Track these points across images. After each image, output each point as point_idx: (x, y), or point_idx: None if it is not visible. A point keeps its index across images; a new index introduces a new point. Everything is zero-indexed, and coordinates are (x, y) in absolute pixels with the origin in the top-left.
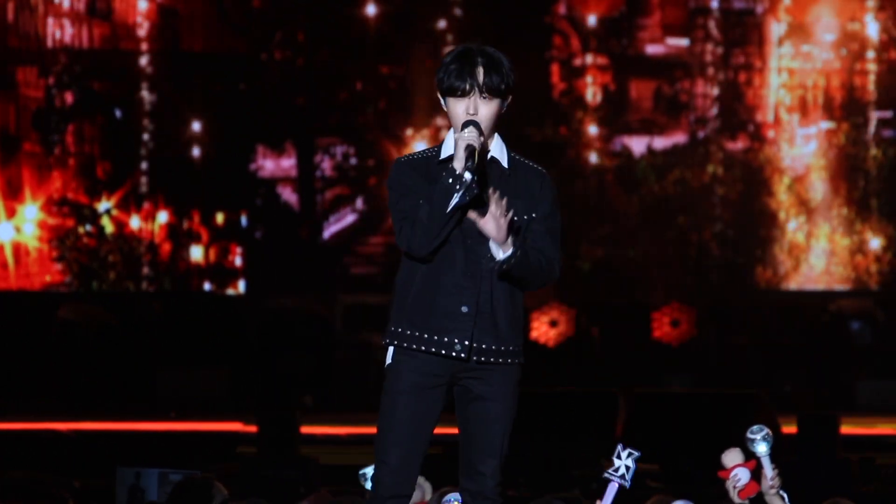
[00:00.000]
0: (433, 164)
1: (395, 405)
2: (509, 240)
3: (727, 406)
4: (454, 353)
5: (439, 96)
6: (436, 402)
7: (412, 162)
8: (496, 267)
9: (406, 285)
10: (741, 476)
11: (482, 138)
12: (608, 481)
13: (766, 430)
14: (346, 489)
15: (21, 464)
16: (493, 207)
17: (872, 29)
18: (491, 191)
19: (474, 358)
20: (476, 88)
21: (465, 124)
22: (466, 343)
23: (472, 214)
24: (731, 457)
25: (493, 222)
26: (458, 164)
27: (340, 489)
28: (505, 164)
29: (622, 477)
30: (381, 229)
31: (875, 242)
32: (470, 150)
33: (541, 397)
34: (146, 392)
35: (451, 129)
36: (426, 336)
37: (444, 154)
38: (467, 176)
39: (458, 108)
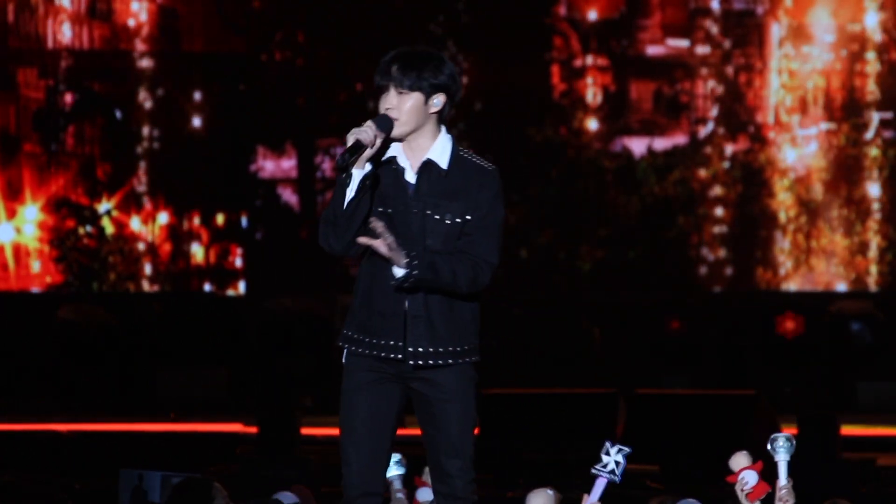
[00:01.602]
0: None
1: (351, 405)
2: (404, 261)
3: (727, 406)
4: (392, 356)
5: None
6: (392, 397)
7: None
8: (396, 284)
9: (356, 288)
10: (749, 479)
11: (383, 133)
12: (595, 477)
13: (791, 438)
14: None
15: (21, 464)
16: (378, 234)
17: (872, 18)
18: (373, 219)
19: (410, 362)
20: (392, 83)
21: (379, 119)
22: (401, 345)
23: (370, 241)
24: (738, 460)
25: (383, 248)
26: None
27: (340, 489)
28: (444, 165)
29: (611, 472)
30: None
31: (875, 243)
32: (355, 144)
33: (541, 397)
34: (146, 392)
35: None
36: (366, 339)
37: (388, 154)
38: (354, 172)
39: (382, 103)
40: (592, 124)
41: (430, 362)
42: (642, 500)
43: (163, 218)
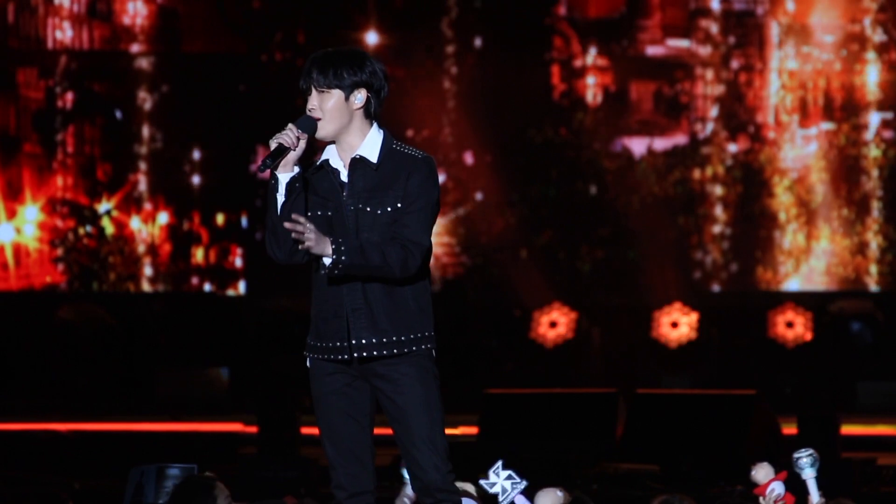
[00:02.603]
0: (311, 173)
1: (325, 409)
2: (330, 248)
3: (727, 407)
4: (341, 357)
5: None
6: (362, 395)
7: (304, 175)
8: (328, 273)
9: (312, 298)
10: (777, 490)
11: (305, 134)
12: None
13: (813, 453)
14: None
15: (21, 464)
16: (300, 227)
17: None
18: (294, 216)
19: (355, 355)
20: (312, 84)
21: (301, 121)
22: (346, 344)
23: (296, 236)
24: (764, 472)
25: (309, 241)
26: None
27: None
28: (374, 159)
29: (514, 486)
30: None
31: (875, 243)
32: (278, 147)
33: (541, 397)
34: (146, 392)
35: None
36: (319, 344)
37: (320, 160)
38: (279, 176)
39: (307, 104)
40: (592, 127)
41: (375, 353)
42: (643, 501)
43: (163, 218)
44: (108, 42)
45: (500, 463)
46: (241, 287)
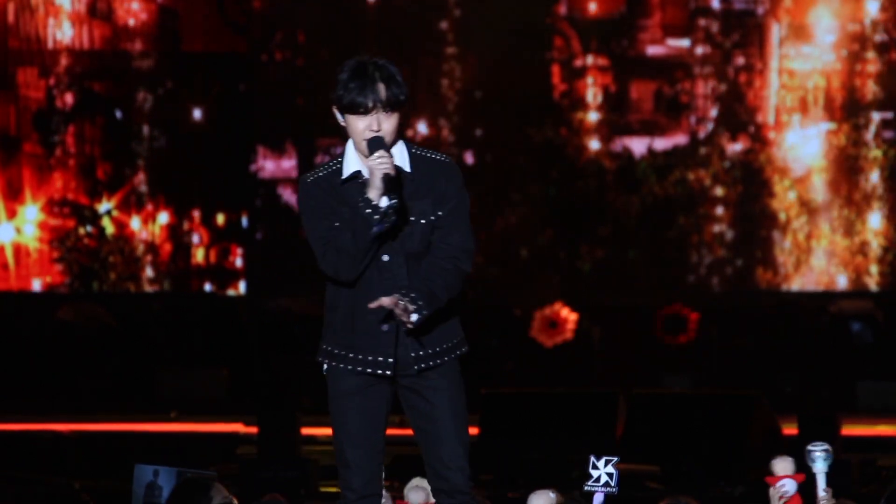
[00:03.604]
0: (336, 182)
1: (344, 409)
2: (412, 308)
3: (727, 407)
4: (379, 371)
5: (336, 111)
6: (383, 398)
7: (318, 181)
8: (414, 327)
9: (332, 306)
10: (789, 487)
11: (392, 158)
12: (592, 494)
13: (828, 447)
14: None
15: (21, 464)
16: (397, 306)
17: (873, 7)
18: (397, 297)
19: (400, 371)
20: (378, 104)
21: (372, 145)
22: (391, 360)
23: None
24: (783, 466)
25: (398, 309)
26: (375, 194)
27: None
28: (407, 167)
29: (606, 485)
30: None
31: (875, 243)
32: (386, 179)
33: (541, 397)
34: (146, 392)
35: (350, 143)
36: (352, 356)
37: (347, 170)
38: (384, 203)
39: (360, 124)
40: (592, 128)
41: (423, 365)
42: (643, 501)
43: (163, 218)
44: (108, 42)
45: (616, 459)
46: (241, 287)
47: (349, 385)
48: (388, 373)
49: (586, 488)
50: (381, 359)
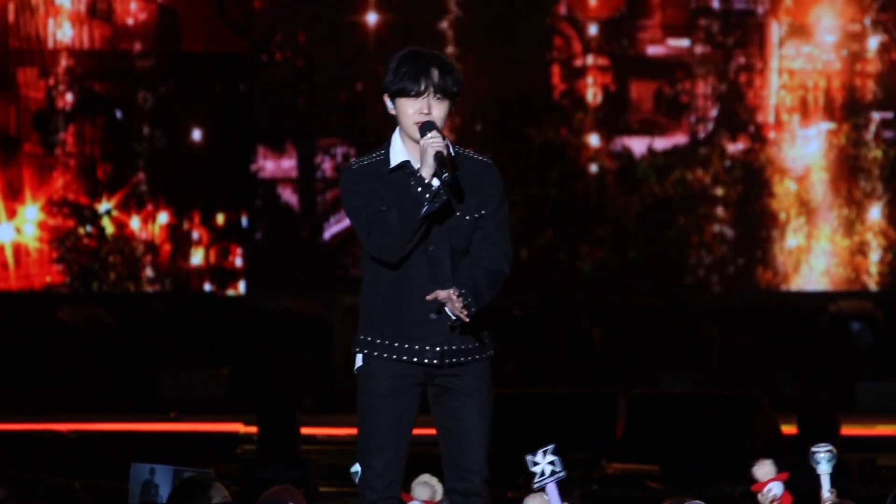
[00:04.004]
0: (383, 170)
1: (375, 409)
2: (463, 312)
3: (727, 407)
4: (426, 360)
5: (385, 98)
6: (413, 402)
7: (363, 168)
8: (457, 324)
9: (371, 294)
10: (775, 490)
11: (445, 140)
12: (543, 489)
13: (832, 449)
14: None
15: (21, 464)
16: (452, 300)
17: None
18: (453, 291)
19: (447, 361)
20: (431, 88)
21: (425, 127)
22: (438, 349)
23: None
24: (765, 471)
25: (450, 305)
26: (427, 172)
27: (340, 489)
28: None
29: (553, 474)
30: None
31: (875, 243)
32: (439, 157)
33: (541, 397)
34: (146, 392)
35: (397, 131)
36: (396, 345)
37: (395, 159)
38: (435, 183)
39: (411, 108)
40: (592, 128)
41: (462, 359)
42: (643, 501)
43: (163, 218)
44: (108, 42)
45: (552, 446)
46: (241, 287)
47: (383, 386)
48: (435, 362)
49: (535, 486)
50: (428, 348)
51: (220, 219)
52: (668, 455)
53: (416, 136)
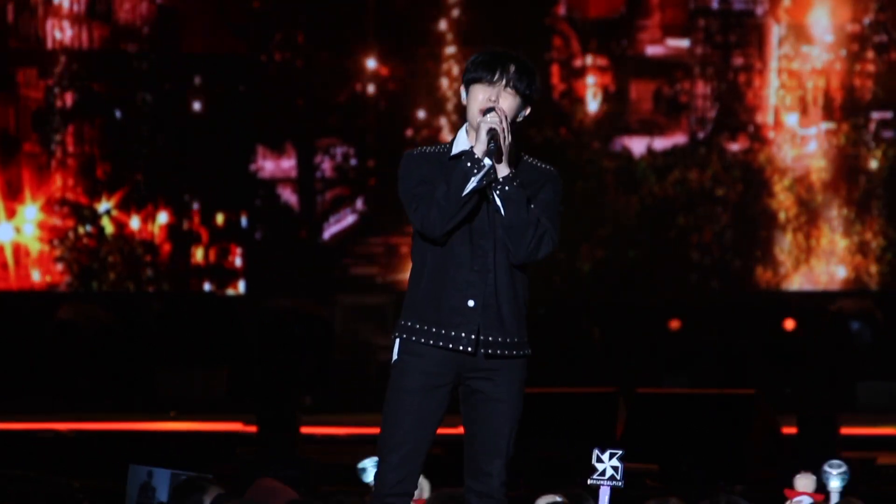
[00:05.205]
0: (444, 159)
1: (401, 404)
2: (507, 166)
3: (727, 406)
4: (461, 348)
5: (462, 89)
6: (442, 402)
7: (424, 155)
8: (499, 189)
9: (416, 281)
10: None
11: (504, 124)
12: (597, 488)
13: (845, 467)
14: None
15: (21, 463)
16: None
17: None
18: (498, 110)
19: (481, 351)
20: (504, 79)
21: (487, 111)
22: (473, 337)
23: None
24: (805, 483)
25: (486, 127)
26: (479, 148)
27: (340, 489)
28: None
29: (611, 479)
30: (380, 230)
31: (875, 243)
32: (492, 133)
33: (541, 397)
34: (146, 392)
35: (465, 125)
36: (433, 330)
37: (457, 148)
38: (486, 162)
39: (481, 94)
40: (592, 128)
41: (500, 352)
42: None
43: (163, 218)
44: (108, 42)
45: (622, 452)
46: (241, 287)
47: (414, 381)
48: (469, 349)
49: (591, 482)
50: (463, 335)
51: (220, 219)
52: (667, 455)
53: (478, 117)
